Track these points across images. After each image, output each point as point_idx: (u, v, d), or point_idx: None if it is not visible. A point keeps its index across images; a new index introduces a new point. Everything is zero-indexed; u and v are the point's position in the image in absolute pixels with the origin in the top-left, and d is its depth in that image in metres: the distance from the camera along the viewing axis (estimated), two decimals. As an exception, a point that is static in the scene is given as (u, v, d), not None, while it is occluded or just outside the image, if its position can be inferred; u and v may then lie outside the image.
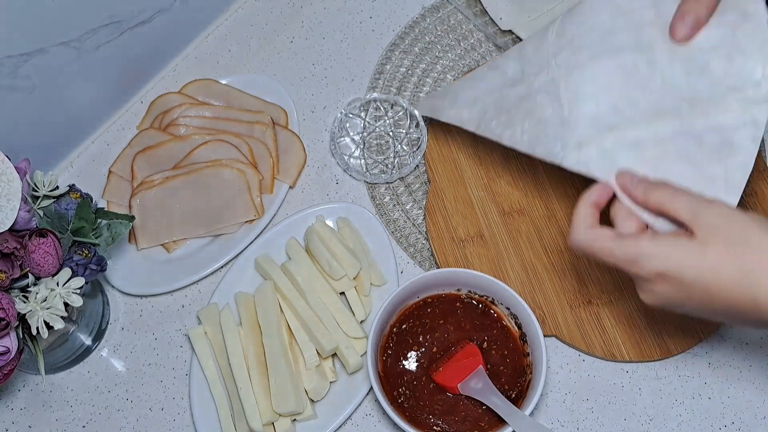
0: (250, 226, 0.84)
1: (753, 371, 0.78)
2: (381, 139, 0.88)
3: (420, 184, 0.86)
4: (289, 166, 0.86)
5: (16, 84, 0.74)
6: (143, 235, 0.83)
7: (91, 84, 0.84)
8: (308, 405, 0.74)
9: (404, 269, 0.83)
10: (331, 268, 0.77)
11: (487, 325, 0.75)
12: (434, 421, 0.72)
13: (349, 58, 0.93)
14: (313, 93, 0.92)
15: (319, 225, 0.81)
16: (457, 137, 0.86)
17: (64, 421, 0.78)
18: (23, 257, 0.65)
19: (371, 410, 0.77)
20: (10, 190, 0.64)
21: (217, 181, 0.83)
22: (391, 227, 0.84)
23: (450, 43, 0.93)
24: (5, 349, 0.64)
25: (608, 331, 0.78)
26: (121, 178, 0.85)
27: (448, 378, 0.72)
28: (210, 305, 0.79)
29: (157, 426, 0.78)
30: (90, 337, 0.80)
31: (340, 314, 0.77)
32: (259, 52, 0.94)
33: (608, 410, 0.77)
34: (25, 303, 0.64)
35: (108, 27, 0.80)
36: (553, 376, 0.78)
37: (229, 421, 0.74)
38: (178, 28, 0.90)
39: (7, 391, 0.79)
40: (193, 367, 0.77)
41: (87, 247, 0.69)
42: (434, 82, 0.91)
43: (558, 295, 0.79)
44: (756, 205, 0.82)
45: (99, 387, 0.79)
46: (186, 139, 0.85)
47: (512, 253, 0.81)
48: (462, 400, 0.72)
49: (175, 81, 0.92)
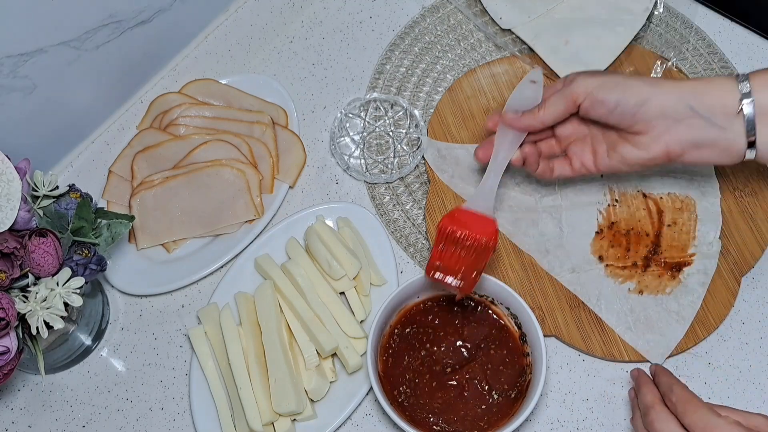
0: (250, 226, 0.84)
1: (753, 371, 0.78)
2: (381, 139, 0.88)
3: (420, 184, 0.86)
4: (289, 166, 0.86)
5: (16, 84, 0.74)
6: (143, 235, 0.83)
7: (91, 84, 0.84)
8: (308, 405, 0.74)
9: (404, 269, 0.83)
10: (331, 268, 0.77)
11: (487, 325, 0.75)
12: (434, 420, 0.72)
13: (349, 58, 0.93)
14: (313, 93, 0.92)
15: (319, 225, 0.81)
16: (457, 137, 0.86)
17: (64, 421, 0.78)
18: (23, 257, 0.64)
19: (371, 410, 0.77)
20: (10, 190, 0.64)
21: (217, 181, 0.83)
22: (391, 227, 0.84)
23: (450, 43, 0.93)
24: (5, 349, 0.64)
25: (608, 331, 0.78)
26: (121, 178, 0.85)
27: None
28: (210, 305, 0.79)
29: (157, 426, 0.78)
30: (90, 337, 0.80)
31: (340, 314, 0.77)
32: (259, 52, 0.94)
33: (608, 410, 0.77)
34: (25, 303, 0.64)
35: (108, 27, 0.80)
36: (553, 376, 0.78)
37: (229, 421, 0.74)
38: (178, 27, 0.90)
39: (7, 391, 0.79)
40: (193, 367, 0.77)
41: (87, 247, 0.69)
42: (434, 82, 0.91)
43: (558, 295, 0.79)
44: (756, 205, 0.82)
45: (99, 387, 0.79)
46: (186, 139, 0.85)
47: (512, 253, 0.81)
48: (462, 398, 0.72)
49: (174, 81, 0.92)
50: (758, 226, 0.82)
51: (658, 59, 0.89)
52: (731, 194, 0.83)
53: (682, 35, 0.92)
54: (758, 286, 0.81)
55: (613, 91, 0.69)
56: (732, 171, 0.84)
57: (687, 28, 0.92)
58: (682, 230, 0.81)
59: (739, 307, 0.80)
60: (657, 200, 0.83)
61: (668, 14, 0.93)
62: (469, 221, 0.71)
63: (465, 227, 0.70)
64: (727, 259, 0.80)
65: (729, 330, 0.79)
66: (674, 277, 0.79)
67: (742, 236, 0.81)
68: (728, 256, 0.81)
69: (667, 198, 0.83)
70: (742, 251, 0.81)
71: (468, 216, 0.71)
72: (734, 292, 0.79)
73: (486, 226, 0.71)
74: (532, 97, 0.75)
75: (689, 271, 0.79)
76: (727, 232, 0.81)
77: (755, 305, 0.80)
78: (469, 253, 0.70)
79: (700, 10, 0.93)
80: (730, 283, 0.80)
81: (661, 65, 0.88)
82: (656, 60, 0.89)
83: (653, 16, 0.92)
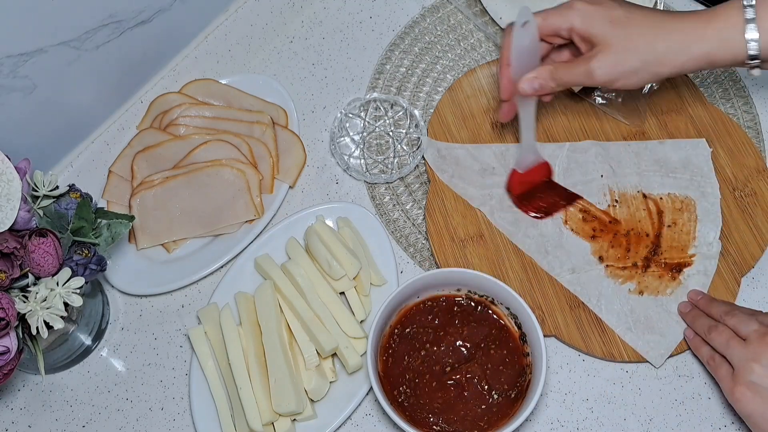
0: (250, 226, 0.84)
1: (753, 371, 0.78)
2: (381, 139, 0.88)
3: (420, 184, 0.86)
4: (289, 166, 0.86)
5: (16, 84, 0.74)
6: (143, 235, 0.83)
7: (91, 84, 0.84)
8: (308, 405, 0.74)
9: (404, 269, 0.83)
10: (331, 268, 0.77)
11: (487, 325, 0.75)
12: (434, 420, 0.72)
13: (349, 58, 0.93)
14: (313, 93, 0.92)
15: (319, 225, 0.81)
16: (457, 137, 0.86)
17: (64, 420, 0.78)
18: (23, 257, 0.64)
19: (371, 410, 0.77)
20: (10, 190, 0.64)
21: (217, 181, 0.83)
22: (391, 227, 0.84)
23: (450, 43, 0.93)
24: (5, 349, 0.64)
25: (608, 331, 0.78)
26: (121, 178, 0.85)
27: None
28: (210, 305, 0.79)
29: (157, 426, 0.78)
30: (90, 337, 0.80)
31: (340, 314, 0.77)
32: (259, 52, 0.94)
33: (608, 410, 0.77)
34: (25, 303, 0.64)
35: (108, 27, 0.80)
36: (553, 376, 0.78)
37: (229, 421, 0.74)
38: (178, 27, 0.90)
39: (7, 391, 0.79)
40: (193, 367, 0.77)
41: (87, 246, 0.69)
42: (434, 82, 0.91)
43: (558, 295, 0.79)
44: (755, 205, 0.83)
45: (99, 387, 0.79)
46: (186, 138, 0.85)
47: (512, 253, 0.81)
48: (462, 398, 0.72)
49: (174, 81, 0.92)
50: (758, 226, 0.82)
51: (658, 59, 0.89)
52: (731, 194, 0.83)
53: (682, 35, 0.92)
54: (758, 286, 0.81)
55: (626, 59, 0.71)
56: (732, 171, 0.84)
57: (687, 28, 0.92)
58: (682, 231, 0.81)
59: (739, 307, 0.80)
60: (657, 201, 0.83)
61: (668, 14, 0.93)
62: (530, 178, 0.82)
63: (529, 185, 0.82)
64: (727, 260, 0.80)
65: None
66: (674, 277, 0.79)
67: (742, 236, 0.81)
68: (728, 256, 0.81)
69: (667, 198, 0.83)
70: (742, 252, 0.81)
71: (527, 175, 0.82)
72: (734, 293, 0.79)
73: (541, 170, 0.83)
74: (531, 46, 0.74)
75: (689, 271, 0.79)
76: (727, 232, 0.81)
77: (755, 305, 0.80)
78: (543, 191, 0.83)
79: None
80: (730, 283, 0.80)
81: (661, 65, 0.88)
82: (656, 60, 0.89)
83: (653, 16, 0.92)
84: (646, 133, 0.86)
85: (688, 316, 0.77)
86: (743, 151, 0.85)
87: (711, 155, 0.84)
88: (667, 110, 0.87)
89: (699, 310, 0.77)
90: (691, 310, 0.77)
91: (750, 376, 0.67)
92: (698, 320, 0.75)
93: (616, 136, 0.86)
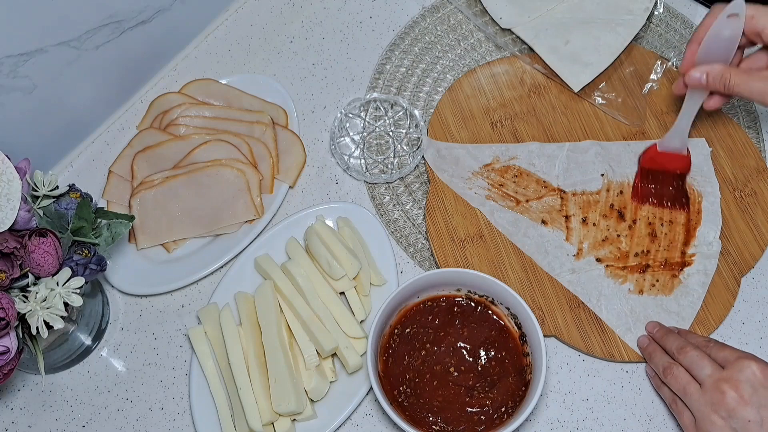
0: (250, 226, 0.84)
1: (753, 371, 0.78)
2: (381, 139, 0.88)
3: (420, 184, 0.86)
4: (289, 166, 0.86)
5: (16, 84, 0.74)
6: (143, 235, 0.83)
7: (91, 84, 0.84)
8: (308, 405, 0.74)
9: (404, 269, 0.83)
10: (331, 268, 0.77)
11: (487, 325, 0.75)
12: (434, 420, 0.72)
13: (349, 58, 0.93)
14: (313, 93, 0.92)
15: (319, 225, 0.81)
16: (457, 137, 0.86)
17: (64, 420, 0.78)
18: (23, 257, 0.64)
19: (371, 410, 0.77)
20: (10, 190, 0.64)
21: (217, 181, 0.83)
22: (391, 227, 0.84)
23: (450, 43, 0.93)
24: (5, 349, 0.64)
25: (608, 332, 0.78)
26: (121, 177, 0.85)
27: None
28: (210, 305, 0.79)
29: (157, 426, 0.78)
30: (90, 337, 0.80)
31: (340, 314, 0.77)
32: (259, 52, 0.94)
33: (608, 410, 0.77)
34: (25, 303, 0.64)
35: (108, 27, 0.80)
36: (553, 376, 0.78)
37: (229, 421, 0.74)
38: (178, 28, 0.90)
39: (7, 391, 0.79)
40: (193, 367, 0.77)
41: (87, 246, 0.69)
42: (434, 82, 0.91)
43: (558, 295, 0.79)
44: (755, 205, 0.83)
45: (99, 387, 0.79)
46: (186, 138, 0.85)
47: (512, 253, 0.81)
48: (462, 398, 0.72)
49: (175, 81, 0.92)
50: (758, 226, 0.82)
51: (658, 59, 0.89)
52: (731, 194, 0.83)
53: (682, 35, 0.92)
54: (758, 286, 0.81)
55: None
56: (732, 171, 0.84)
57: (687, 28, 0.92)
58: (682, 231, 0.81)
59: (739, 307, 0.80)
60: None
61: (668, 14, 0.93)
62: (665, 160, 0.81)
63: (660, 166, 0.82)
64: (727, 260, 0.80)
65: (729, 330, 0.79)
66: (674, 277, 0.79)
67: (742, 236, 0.81)
68: (728, 256, 0.81)
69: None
70: (742, 251, 0.81)
71: (663, 156, 0.81)
72: (734, 293, 0.79)
73: (679, 160, 0.81)
74: (729, 39, 0.69)
75: (689, 271, 0.79)
76: (727, 232, 0.81)
77: (755, 305, 0.80)
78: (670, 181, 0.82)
79: (700, 10, 0.93)
80: (730, 283, 0.80)
81: (662, 65, 0.88)
82: (656, 60, 0.89)
83: (653, 16, 0.92)
84: (646, 133, 0.86)
85: (645, 351, 0.76)
86: (743, 151, 0.85)
87: (711, 155, 0.84)
88: (667, 110, 0.87)
89: (656, 343, 0.75)
90: (648, 345, 0.75)
91: (711, 428, 0.65)
92: (654, 357, 0.74)
93: (616, 136, 0.86)
